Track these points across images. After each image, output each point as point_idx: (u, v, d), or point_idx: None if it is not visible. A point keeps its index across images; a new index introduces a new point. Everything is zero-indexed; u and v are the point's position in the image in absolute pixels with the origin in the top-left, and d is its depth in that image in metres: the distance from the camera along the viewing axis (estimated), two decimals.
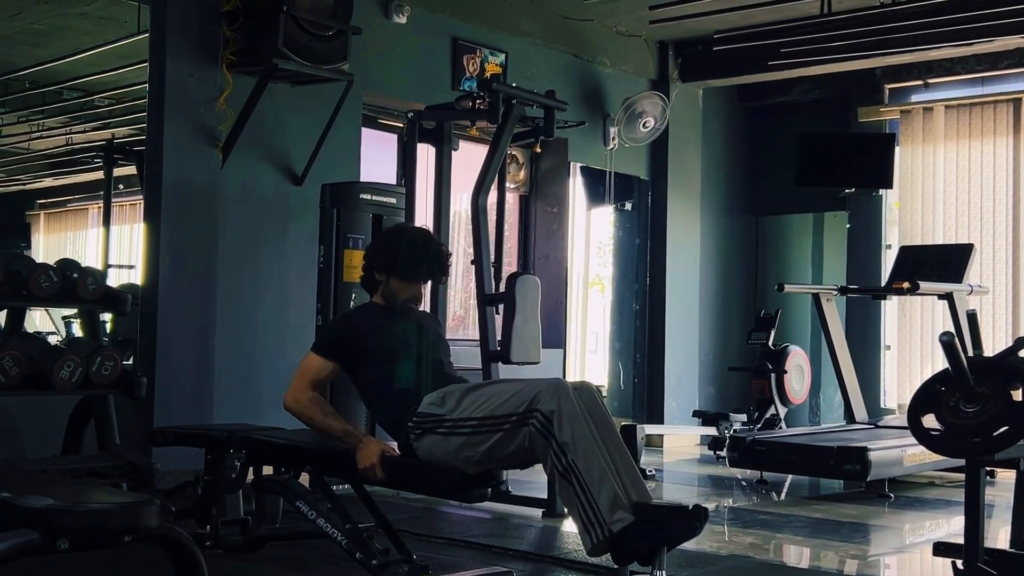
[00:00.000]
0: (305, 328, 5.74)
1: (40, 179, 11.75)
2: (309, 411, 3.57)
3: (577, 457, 3.05)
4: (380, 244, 3.89)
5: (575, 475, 3.05)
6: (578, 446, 3.06)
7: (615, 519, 3.01)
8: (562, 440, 3.07)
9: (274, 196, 6.05)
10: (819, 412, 8.96)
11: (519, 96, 5.55)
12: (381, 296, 3.73)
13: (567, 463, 3.06)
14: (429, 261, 3.70)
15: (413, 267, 3.67)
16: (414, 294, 3.71)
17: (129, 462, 4.64)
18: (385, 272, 3.69)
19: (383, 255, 3.72)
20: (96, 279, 4.85)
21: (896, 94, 8.51)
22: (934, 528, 5.37)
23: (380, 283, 3.72)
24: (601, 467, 3.06)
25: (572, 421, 3.08)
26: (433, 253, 3.71)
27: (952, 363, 3.38)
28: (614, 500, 3.03)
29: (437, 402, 3.40)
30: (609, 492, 3.03)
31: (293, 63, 5.54)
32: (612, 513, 3.01)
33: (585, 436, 3.08)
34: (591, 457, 3.06)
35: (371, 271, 3.74)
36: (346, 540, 3.45)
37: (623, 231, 8.87)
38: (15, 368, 4.37)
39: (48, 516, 2.25)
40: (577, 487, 3.04)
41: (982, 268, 7.71)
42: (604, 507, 3.01)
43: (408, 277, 3.67)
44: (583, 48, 7.96)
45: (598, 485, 3.03)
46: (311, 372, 3.62)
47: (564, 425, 3.08)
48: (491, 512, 5.08)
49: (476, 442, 3.26)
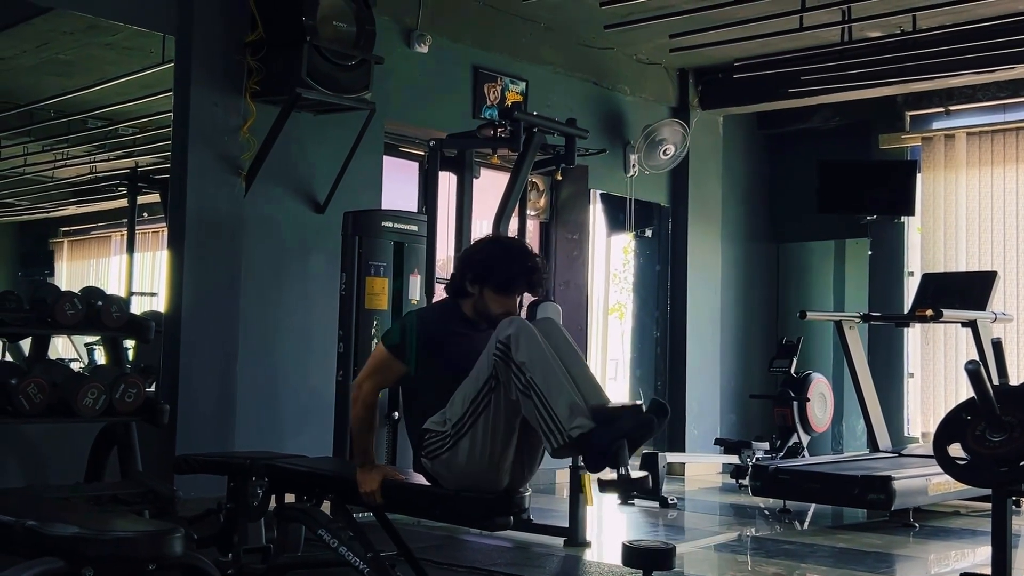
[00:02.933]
0: (327, 356, 5.75)
1: (64, 207, 11.83)
2: (363, 412, 3.55)
3: (535, 374, 3.18)
4: (476, 254, 3.64)
5: (534, 390, 3.18)
6: (535, 364, 3.19)
7: (573, 425, 3.15)
8: (519, 360, 3.19)
9: (296, 224, 6.08)
10: (842, 440, 8.89)
11: (540, 124, 5.58)
12: (472, 308, 3.57)
13: (527, 380, 3.18)
14: (528, 273, 3.54)
15: (512, 279, 3.52)
16: (509, 308, 3.54)
17: (151, 489, 4.64)
18: (479, 283, 3.52)
19: (478, 265, 3.54)
20: (120, 307, 4.88)
21: (917, 121, 8.49)
22: (960, 558, 5.31)
23: (472, 296, 3.56)
24: (558, 381, 3.19)
25: (529, 343, 3.22)
26: (532, 265, 3.55)
27: (978, 392, 3.36)
28: (572, 409, 3.16)
29: (439, 421, 3.39)
30: (567, 402, 3.17)
31: (316, 92, 5.58)
32: (571, 420, 3.15)
33: (542, 355, 3.22)
34: (548, 373, 3.19)
35: (463, 280, 3.57)
36: (368, 568, 3.44)
37: (643, 258, 8.87)
38: (39, 395, 4.40)
39: (74, 544, 2.26)
40: (537, 401, 3.17)
41: (1006, 296, 7.66)
42: (563, 416, 3.16)
43: (504, 290, 3.52)
44: (603, 76, 7.99)
45: (556, 397, 3.17)
46: (381, 371, 3.56)
47: (521, 347, 3.20)
48: (512, 540, 5.06)
49: (477, 435, 3.28)
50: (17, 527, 2.35)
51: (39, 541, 2.29)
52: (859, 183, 8.36)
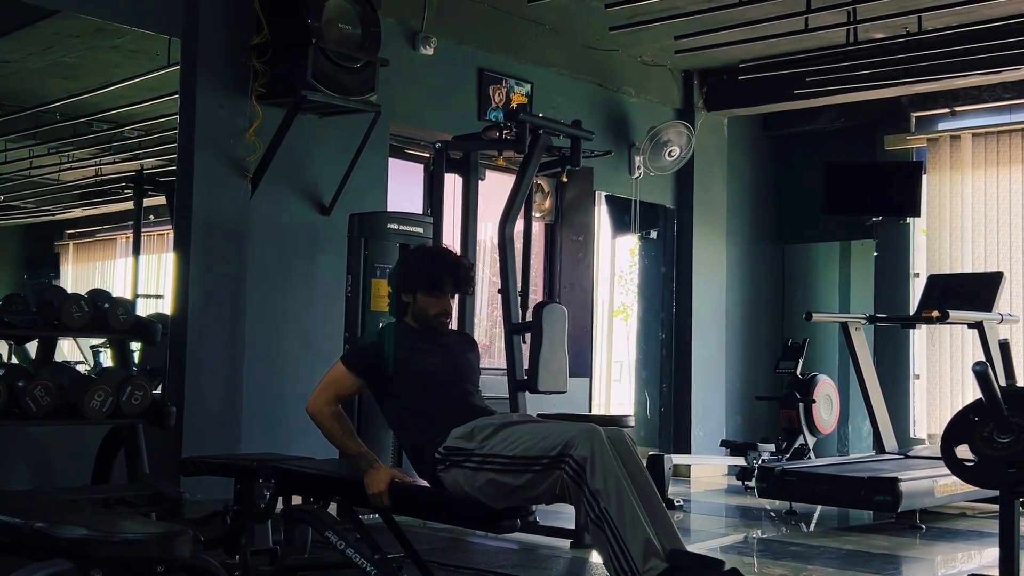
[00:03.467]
0: (333, 357, 5.67)
1: (69, 210, 11.85)
2: (329, 424, 3.61)
3: (610, 505, 3.02)
4: (400, 264, 3.91)
5: (608, 523, 3.02)
6: (611, 494, 3.03)
7: (648, 567, 2.98)
8: (595, 487, 3.05)
9: (302, 226, 6.08)
10: (848, 442, 8.88)
11: (545, 126, 5.57)
12: (412, 317, 3.71)
13: (600, 511, 3.04)
14: (451, 270, 3.69)
15: (436, 277, 3.65)
16: (444, 308, 3.69)
17: (158, 491, 4.65)
18: (411, 290, 3.68)
19: (405, 274, 3.73)
20: (127, 309, 4.89)
21: (923, 122, 8.48)
22: (966, 560, 5.30)
23: (408, 304, 3.70)
24: (633, 514, 3.03)
25: (605, 468, 3.06)
26: (453, 261, 3.73)
27: (986, 393, 3.36)
28: (647, 548, 3.00)
29: (466, 435, 3.39)
30: (642, 539, 3.00)
31: (321, 94, 5.59)
32: (645, 561, 2.98)
33: (618, 483, 3.05)
34: (624, 504, 3.03)
35: (398, 295, 3.73)
36: (375, 570, 3.44)
37: (648, 259, 8.86)
38: (46, 398, 4.41)
39: (82, 546, 2.26)
40: (610, 535, 3.02)
41: (1012, 297, 7.65)
42: (637, 555, 2.98)
43: (433, 290, 3.65)
44: (608, 78, 7.99)
45: (631, 533, 3.00)
46: (337, 385, 3.66)
47: (597, 472, 3.05)
48: (519, 543, 5.06)
49: (505, 480, 3.25)
50: (26, 529, 2.36)
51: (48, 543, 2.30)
52: (864, 184, 8.35)
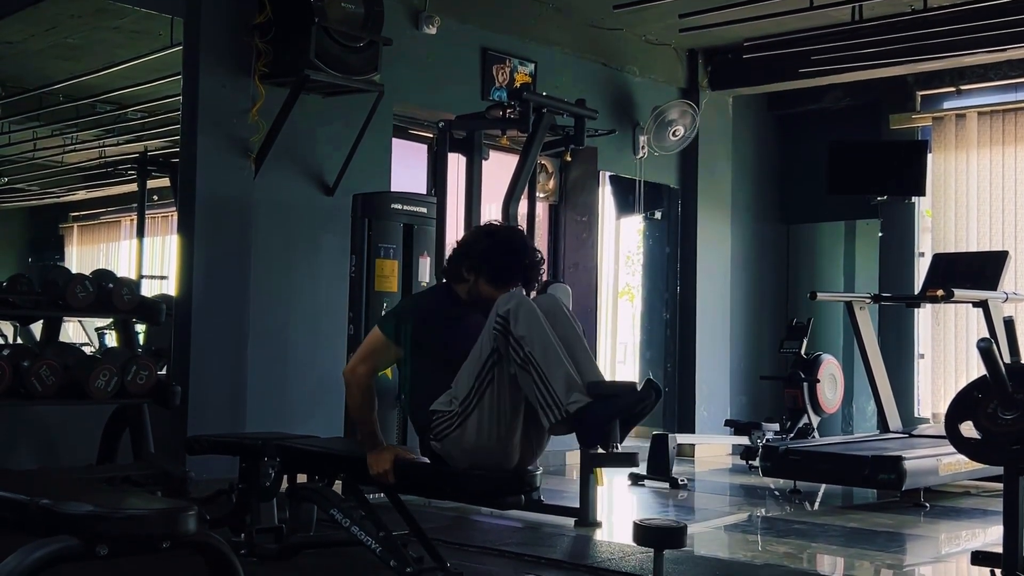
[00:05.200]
0: (337, 337, 5.77)
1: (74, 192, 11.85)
2: (361, 396, 3.58)
3: (533, 348, 3.19)
4: (477, 242, 3.64)
5: (532, 364, 3.18)
6: (534, 339, 3.20)
7: (571, 400, 3.16)
8: (519, 334, 3.20)
9: (306, 206, 6.08)
10: (852, 421, 8.88)
11: (549, 105, 5.56)
12: (466, 292, 3.60)
13: (525, 355, 3.19)
14: (526, 269, 3.58)
15: (510, 274, 3.55)
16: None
17: (164, 470, 4.67)
18: (475, 273, 3.56)
19: (476, 255, 3.56)
20: (131, 289, 4.90)
21: (928, 101, 8.44)
22: (971, 538, 5.31)
23: (468, 281, 3.58)
24: (556, 355, 3.19)
25: (528, 318, 3.22)
26: (531, 262, 3.59)
27: (990, 370, 3.36)
28: (569, 383, 3.17)
29: (446, 401, 3.40)
30: (563, 376, 3.17)
31: (324, 74, 5.57)
32: (568, 395, 3.16)
33: (540, 329, 3.22)
34: (547, 348, 3.19)
35: (460, 265, 3.59)
36: (380, 548, 3.46)
37: (653, 240, 8.85)
38: (51, 377, 4.42)
39: (88, 522, 2.27)
40: (534, 374, 3.18)
41: (1017, 275, 7.64)
42: (560, 391, 3.16)
43: (500, 282, 3.54)
44: (612, 57, 7.96)
45: (554, 371, 3.17)
46: (377, 356, 3.59)
47: (520, 322, 3.21)
48: (523, 521, 5.07)
49: (483, 411, 3.28)
50: (32, 506, 2.36)
51: (53, 519, 2.30)
52: (869, 164, 8.33)
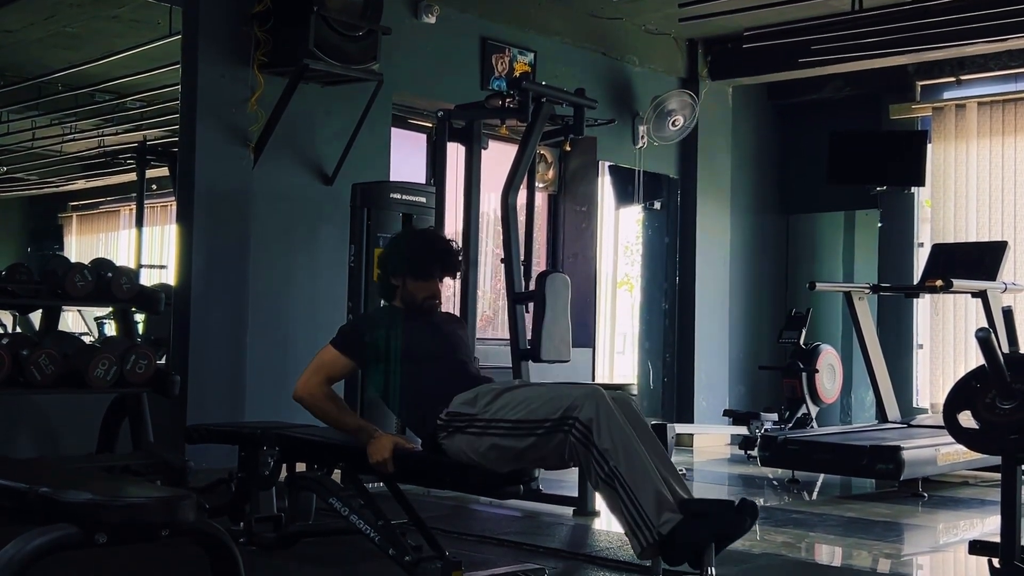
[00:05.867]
0: (336, 327, 5.68)
1: (72, 181, 11.85)
2: (324, 405, 3.61)
3: (619, 463, 3.02)
4: (390, 248, 3.88)
5: (619, 480, 3.02)
6: (619, 452, 3.03)
7: (662, 521, 2.98)
8: (603, 447, 3.04)
9: (305, 196, 6.08)
10: (850, 411, 8.89)
11: (549, 95, 5.54)
12: (400, 300, 3.73)
13: (610, 470, 3.03)
14: (440, 256, 3.70)
15: (425, 264, 3.66)
16: (432, 292, 3.70)
17: (163, 460, 4.67)
18: (400, 275, 3.69)
19: (394, 258, 3.73)
20: (130, 278, 4.90)
21: (928, 91, 8.43)
22: (968, 527, 5.32)
23: (397, 288, 3.72)
24: (644, 470, 3.03)
25: (611, 427, 3.06)
26: (442, 248, 3.73)
27: (988, 359, 3.35)
28: (659, 502, 3.00)
29: (469, 401, 3.40)
30: (653, 494, 3.00)
31: (324, 63, 5.57)
32: (659, 515, 2.98)
33: (626, 441, 3.05)
34: (633, 461, 3.03)
35: (386, 277, 3.74)
36: (379, 537, 3.46)
37: (652, 230, 8.85)
38: (51, 367, 4.42)
39: (87, 510, 2.26)
40: (622, 492, 3.01)
41: (1016, 266, 7.64)
42: (650, 510, 2.98)
43: (422, 275, 3.66)
44: (612, 47, 7.95)
45: (642, 488, 3.00)
46: (328, 367, 3.65)
47: (603, 432, 3.05)
48: (522, 510, 5.08)
49: (509, 444, 3.26)
50: (31, 494, 2.36)
51: (52, 507, 2.30)
52: (869, 154, 8.32)
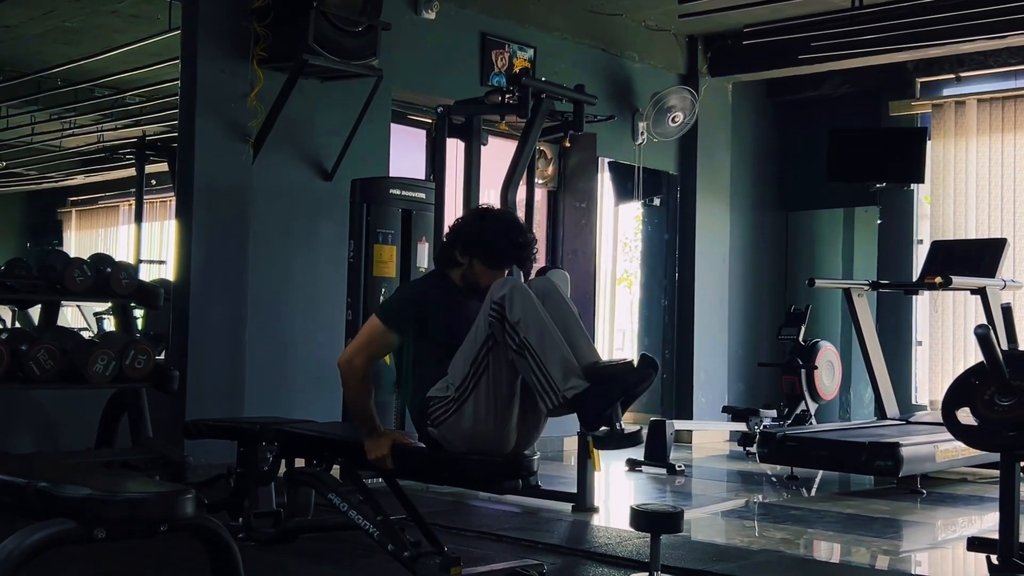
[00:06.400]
0: (335, 322, 5.77)
1: (72, 176, 11.86)
2: (359, 385, 3.51)
3: (529, 333, 3.20)
4: (469, 225, 3.61)
5: (528, 350, 3.20)
6: (529, 323, 3.21)
7: (568, 386, 3.18)
8: (514, 319, 3.22)
9: (304, 191, 6.07)
10: (849, 408, 8.90)
11: (548, 91, 5.55)
12: (460, 278, 3.58)
13: (520, 340, 3.21)
14: (520, 248, 3.56)
15: (503, 254, 3.53)
16: (496, 280, 3.50)
17: (162, 455, 4.68)
18: (469, 254, 3.54)
19: (470, 237, 3.54)
20: (129, 274, 4.90)
21: (928, 88, 8.43)
22: (967, 524, 5.32)
23: (461, 265, 3.57)
24: (552, 340, 3.22)
25: (522, 302, 3.24)
26: (524, 241, 3.57)
27: (987, 356, 3.36)
28: (566, 368, 3.20)
29: (442, 387, 3.39)
30: (560, 361, 3.20)
31: (323, 59, 5.56)
32: (565, 380, 3.19)
33: (536, 314, 3.24)
34: (543, 332, 3.22)
35: (453, 249, 3.57)
36: (378, 532, 3.46)
37: (651, 226, 8.85)
38: (50, 362, 4.42)
39: (86, 505, 2.27)
40: (531, 360, 3.20)
41: (1015, 263, 7.64)
42: (557, 376, 3.19)
43: (496, 264, 3.53)
44: (612, 43, 7.94)
45: (550, 356, 3.19)
46: (375, 344, 3.53)
47: (515, 306, 3.23)
48: (521, 506, 5.08)
49: (480, 396, 3.28)
50: (29, 489, 2.36)
51: (51, 502, 2.30)
52: (869, 151, 8.32)
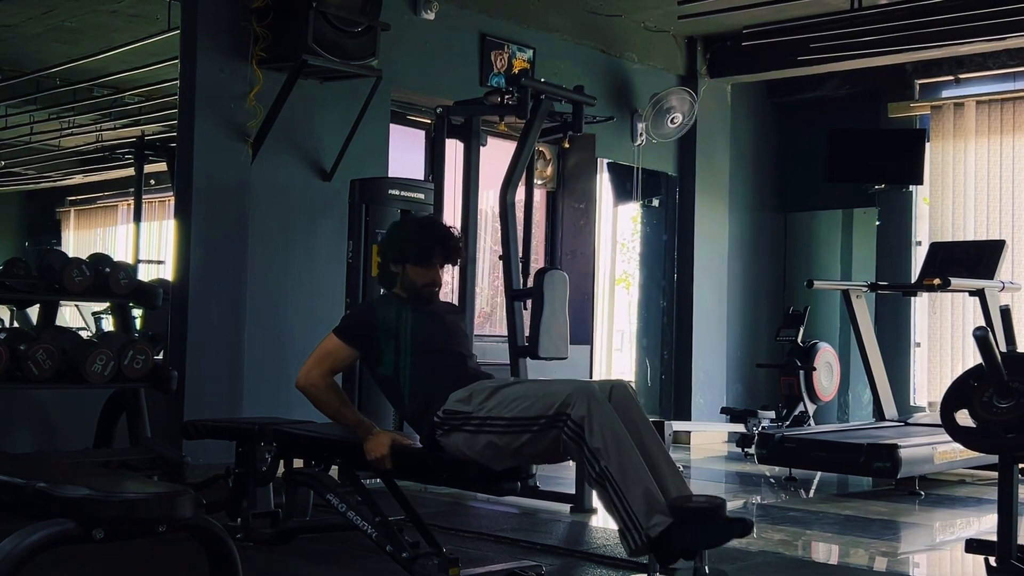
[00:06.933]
0: (334, 322, 5.69)
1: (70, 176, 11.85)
2: (325, 396, 3.57)
3: (610, 463, 3.04)
4: (390, 235, 3.83)
5: (609, 481, 3.03)
6: (610, 452, 3.04)
7: (652, 524, 3.00)
8: (594, 447, 3.06)
9: (303, 192, 6.07)
10: (848, 409, 8.90)
11: (547, 92, 5.54)
12: (401, 288, 3.69)
13: (600, 469, 3.04)
14: (440, 242, 3.66)
15: (425, 249, 3.63)
16: (432, 279, 3.66)
17: (160, 455, 4.68)
18: (400, 261, 3.65)
19: (394, 244, 3.69)
20: (128, 273, 4.90)
21: (927, 89, 8.44)
22: (965, 526, 5.32)
23: (397, 275, 3.68)
24: (635, 471, 3.04)
25: (603, 426, 3.07)
26: (443, 233, 3.69)
27: (986, 358, 3.36)
28: (649, 504, 3.02)
29: (464, 399, 3.39)
30: (642, 495, 3.02)
31: (322, 59, 5.56)
32: (649, 518, 3.00)
33: (617, 440, 3.06)
34: (623, 462, 3.04)
35: (386, 265, 3.71)
36: (376, 533, 3.46)
37: (650, 227, 8.85)
38: (48, 361, 4.42)
39: (84, 505, 2.26)
40: (612, 493, 3.03)
41: (1014, 265, 7.64)
42: (640, 512, 3.01)
43: (422, 261, 3.62)
44: (611, 44, 7.95)
45: (632, 490, 3.02)
46: (331, 357, 3.62)
47: (595, 431, 3.06)
48: (519, 507, 5.08)
49: (504, 442, 3.26)
50: (28, 489, 2.36)
51: (50, 503, 2.29)
52: (868, 152, 8.33)
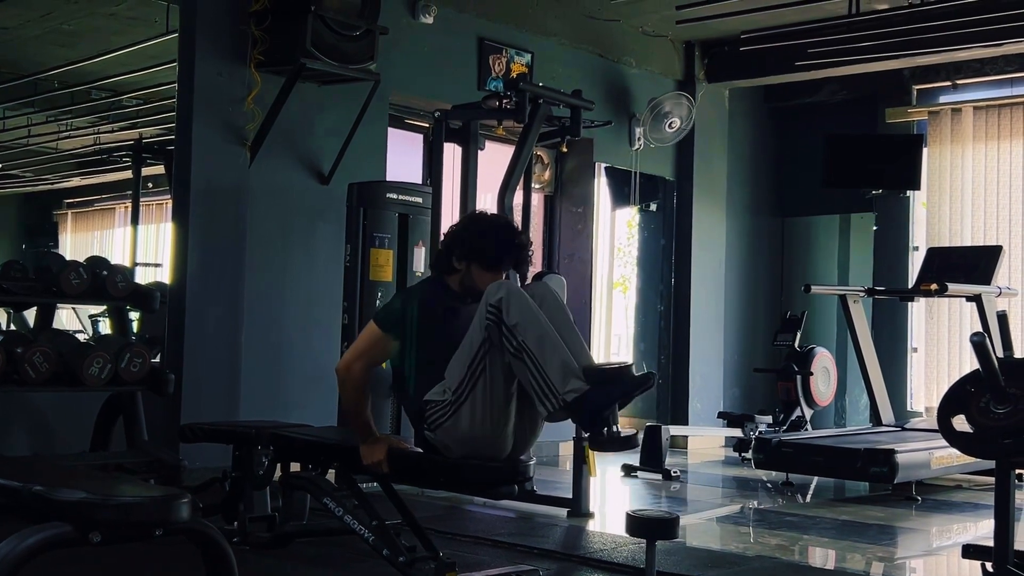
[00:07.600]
0: (331, 326, 5.76)
1: (68, 179, 11.85)
2: (355, 394, 3.53)
3: (527, 337, 3.22)
4: (466, 230, 3.64)
5: (526, 352, 3.22)
6: (527, 327, 3.23)
7: (568, 389, 3.19)
8: (511, 322, 3.23)
9: (301, 195, 6.07)
10: (845, 414, 8.90)
11: (545, 96, 5.55)
12: (459, 283, 3.59)
13: (518, 343, 3.22)
14: (516, 250, 3.59)
15: (500, 257, 3.55)
16: (492, 282, 3.52)
17: (157, 458, 4.67)
18: (466, 260, 3.55)
19: (467, 242, 3.56)
20: (125, 276, 4.89)
21: (924, 95, 8.45)
22: (962, 531, 5.33)
23: (457, 270, 3.58)
24: (550, 343, 3.23)
25: (519, 305, 3.26)
26: (519, 243, 3.61)
27: (983, 364, 3.36)
28: (564, 371, 3.21)
29: (440, 391, 3.40)
30: (559, 364, 3.21)
31: (321, 63, 5.56)
32: (564, 383, 3.20)
33: (533, 317, 3.25)
34: (541, 336, 3.23)
35: (449, 256, 3.58)
36: (373, 537, 3.46)
37: (648, 232, 8.85)
38: (45, 364, 4.41)
39: (81, 509, 2.26)
40: (529, 363, 3.21)
41: (1011, 270, 7.65)
42: (556, 379, 3.20)
43: (492, 267, 3.54)
44: (609, 48, 7.95)
45: (548, 358, 3.21)
46: (374, 350, 3.55)
47: (512, 310, 3.24)
48: (516, 511, 5.08)
49: (476, 400, 3.29)
50: (24, 492, 2.36)
51: (46, 506, 2.30)
52: (865, 157, 8.33)
